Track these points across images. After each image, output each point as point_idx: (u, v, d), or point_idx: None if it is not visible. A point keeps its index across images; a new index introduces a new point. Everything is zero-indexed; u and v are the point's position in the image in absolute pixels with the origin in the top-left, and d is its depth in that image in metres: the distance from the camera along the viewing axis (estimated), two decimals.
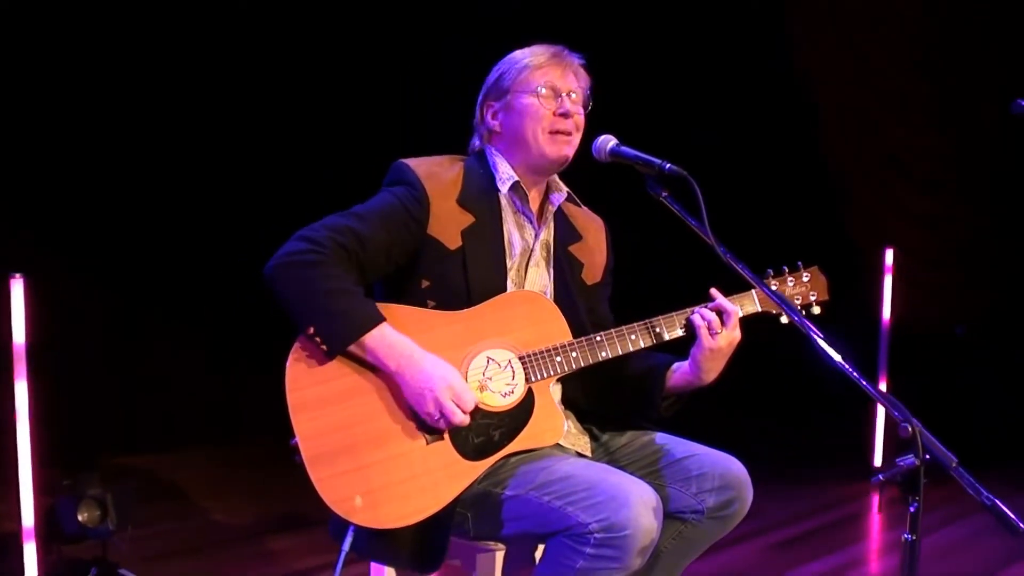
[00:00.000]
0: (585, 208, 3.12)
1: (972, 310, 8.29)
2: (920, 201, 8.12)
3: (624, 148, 2.81)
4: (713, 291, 2.88)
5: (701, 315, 2.81)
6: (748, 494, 2.83)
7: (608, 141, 2.84)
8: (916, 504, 2.19)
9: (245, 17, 6.94)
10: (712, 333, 2.80)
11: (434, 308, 2.78)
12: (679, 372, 2.90)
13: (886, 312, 6.97)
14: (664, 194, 2.70)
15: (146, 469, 6.31)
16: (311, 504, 5.52)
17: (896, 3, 7.91)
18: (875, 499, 6.65)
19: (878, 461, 7.00)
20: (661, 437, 2.94)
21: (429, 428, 2.66)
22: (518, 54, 2.98)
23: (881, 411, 6.92)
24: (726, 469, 2.81)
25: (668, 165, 2.67)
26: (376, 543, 2.68)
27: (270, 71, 7.14)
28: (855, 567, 5.31)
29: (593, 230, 3.13)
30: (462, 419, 2.63)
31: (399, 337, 2.64)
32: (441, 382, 2.61)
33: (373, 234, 2.72)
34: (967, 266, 8.31)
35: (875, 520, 6.44)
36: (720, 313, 2.83)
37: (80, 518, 4.48)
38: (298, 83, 7.24)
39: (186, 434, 6.91)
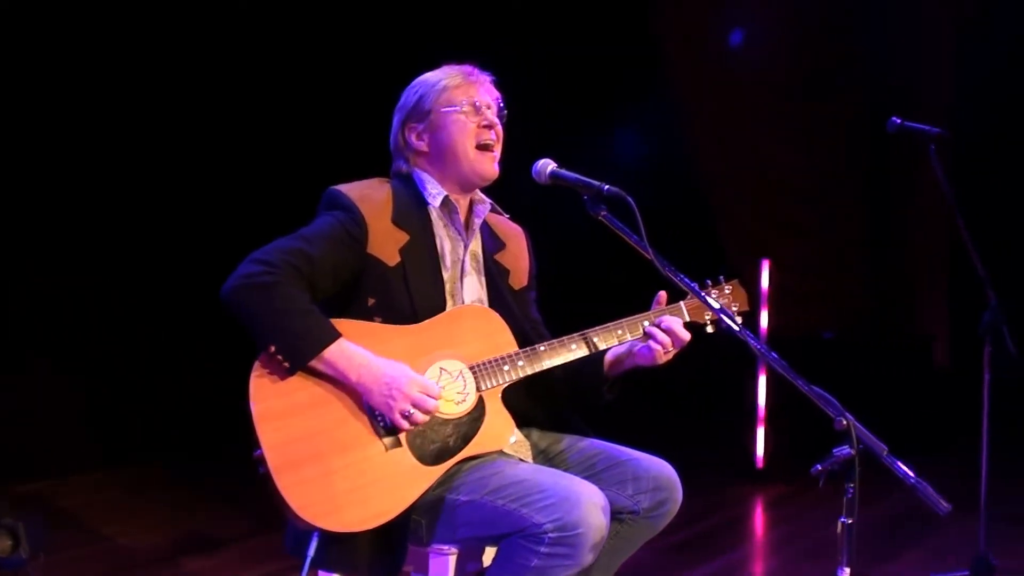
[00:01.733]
0: (505, 217, 3.29)
1: (840, 316, 8.68)
2: (791, 213, 8.48)
3: (564, 171, 2.98)
4: (662, 294, 3.12)
5: (660, 342, 3.00)
6: (679, 495, 3.03)
7: (548, 165, 3.01)
8: (852, 490, 2.38)
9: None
10: (666, 352, 3.03)
11: (381, 323, 2.92)
12: (614, 359, 3.11)
13: (763, 321, 7.28)
14: (603, 212, 2.88)
15: (41, 496, 6.22)
16: (220, 524, 5.57)
17: (764, 26, 8.26)
18: (759, 501, 6.93)
19: (760, 463, 7.30)
20: (597, 443, 3.12)
21: (388, 434, 2.79)
22: (431, 77, 3.14)
23: (762, 414, 7.24)
24: (659, 472, 3.00)
25: (607, 187, 2.85)
26: (333, 552, 2.78)
27: (209, 92, 7.16)
28: (741, 568, 5.54)
29: (514, 237, 3.31)
30: (435, 405, 2.80)
31: (356, 349, 2.78)
32: (404, 378, 2.77)
33: (321, 255, 2.86)
34: (836, 274, 8.70)
35: (759, 521, 6.72)
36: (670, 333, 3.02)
37: None
38: (236, 109, 7.27)
39: (75, 458, 6.81)
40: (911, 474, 2.37)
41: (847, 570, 2.42)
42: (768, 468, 7.26)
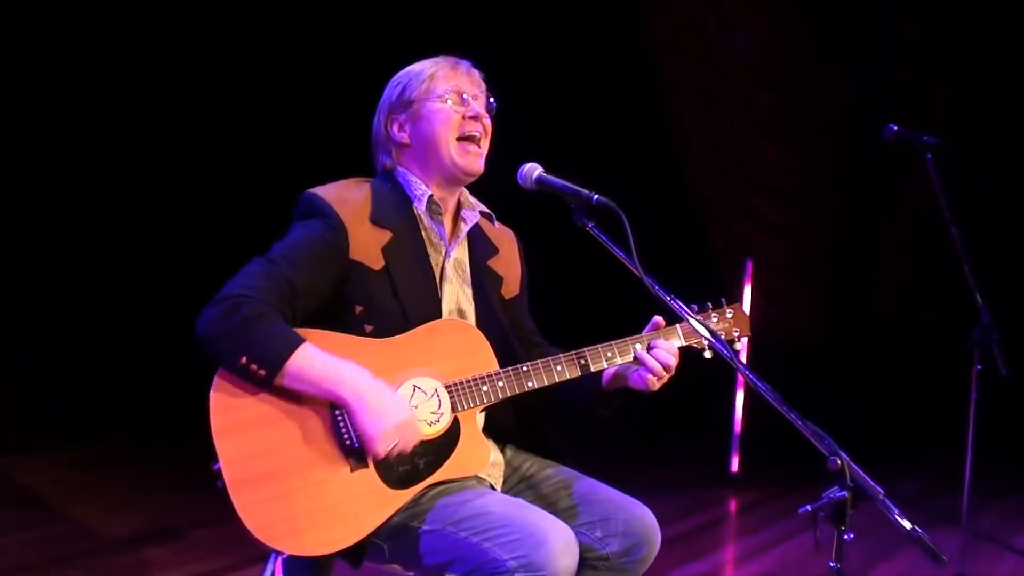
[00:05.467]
0: (497, 222, 3.09)
1: (825, 317, 8.57)
2: (774, 212, 8.37)
3: (551, 177, 2.81)
4: (658, 319, 2.92)
5: (650, 369, 2.83)
6: (655, 540, 2.83)
7: (534, 169, 2.83)
8: (847, 534, 2.24)
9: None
10: (658, 379, 2.85)
11: (372, 332, 2.74)
12: (611, 376, 2.91)
13: None
14: (590, 225, 2.71)
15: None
16: (181, 510, 5.41)
17: (751, 21, 8.16)
18: (732, 505, 6.87)
19: (735, 467, 7.28)
20: (572, 474, 2.94)
21: (353, 454, 2.63)
22: (415, 67, 2.95)
23: (739, 420, 7.20)
24: (631, 515, 2.82)
25: (596, 197, 2.68)
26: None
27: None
28: (720, 566, 5.47)
29: (507, 242, 3.12)
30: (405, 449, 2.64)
31: (346, 362, 2.62)
32: (403, 411, 2.63)
33: (306, 278, 2.68)
34: (820, 274, 8.58)
35: (732, 527, 6.66)
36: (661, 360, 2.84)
37: None
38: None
39: (27, 436, 6.66)
40: (908, 524, 2.24)
41: None
42: (742, 474, 7.28)
